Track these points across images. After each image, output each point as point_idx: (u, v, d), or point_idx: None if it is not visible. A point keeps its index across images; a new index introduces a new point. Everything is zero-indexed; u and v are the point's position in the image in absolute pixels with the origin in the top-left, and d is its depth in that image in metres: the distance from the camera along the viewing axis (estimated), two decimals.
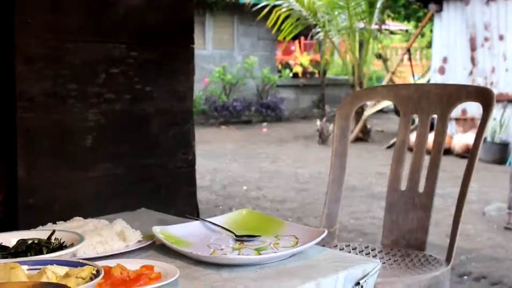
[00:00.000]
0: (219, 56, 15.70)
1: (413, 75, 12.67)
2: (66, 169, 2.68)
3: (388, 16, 13.28)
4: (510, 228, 5.10)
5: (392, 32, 14.73)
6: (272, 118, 14.59)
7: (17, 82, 2.54)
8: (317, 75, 16.34)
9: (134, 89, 2.86)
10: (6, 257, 1.27)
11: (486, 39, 9.47)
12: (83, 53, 2.71)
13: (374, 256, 1.99)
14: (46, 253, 1.29)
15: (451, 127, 9.58)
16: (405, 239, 2.04)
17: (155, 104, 2.94)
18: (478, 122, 1.96)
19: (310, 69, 16.68)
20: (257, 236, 1.56)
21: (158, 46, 2.96)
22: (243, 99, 14.78)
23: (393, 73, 12.00)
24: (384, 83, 11.85)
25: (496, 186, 6.73)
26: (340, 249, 2.05)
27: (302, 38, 17.21)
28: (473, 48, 9.64)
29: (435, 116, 2.07)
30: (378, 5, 11.34)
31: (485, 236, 4.95)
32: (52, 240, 1.36)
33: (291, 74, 16.22)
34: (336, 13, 11.33)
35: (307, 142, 11.13)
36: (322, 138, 11.00)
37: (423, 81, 11.50)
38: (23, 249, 1.31)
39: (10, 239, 1.37)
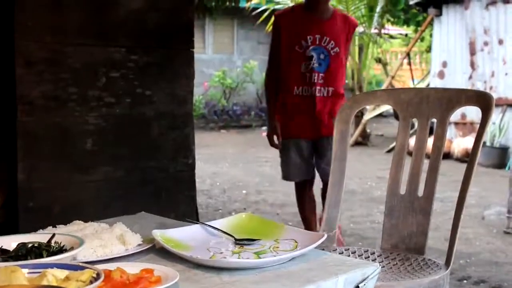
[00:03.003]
0: (219, 60, 15.70)
1: (413, 79, 12.68)
2: (66, 173, 2.69)
3: (388, 20, 13.28)
4: (509, 232, 5.10)
5: (391, 37, 14.73)
6: None
7: (18, 85, 2.54)
8: None
9: (134, 93, 2.87)
10: (7, 261, 1.27)
11: (485, 43, 9.48)
12: (84, 56, 2.71)
13: (374, 260, 1.99)
14: (46, 256, 1.29)
15: (451, 131, 9.59)
16: (404, 243, 2.04)
17: (155, 107, 2.94)
18: (477, 126, 1.97)
19: None
20: (256, 239, 1.56)
21: (158, 50, 2.97)
22: (243, 103, 14.78)
23: (392, 77, 12.01)
24: (383, 87, 11.86)
25: (496, 190, 6.73)
26: (339, 253, 2.05)
27: None
28: (472, 53, 9.65)
29: (434, 120, 2.07)
30: (378, 9, 11.35)
31: (484, 240, 4.95)
32: (52, 244, 1.36)
33: None
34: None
35: None
36: None
37: (422, 85, 11.50)
38: (23, 253, 1.31)
39: (11, 242, 1.37)
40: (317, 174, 4.07)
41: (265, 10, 11.35)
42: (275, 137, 3.89)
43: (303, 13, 3.80)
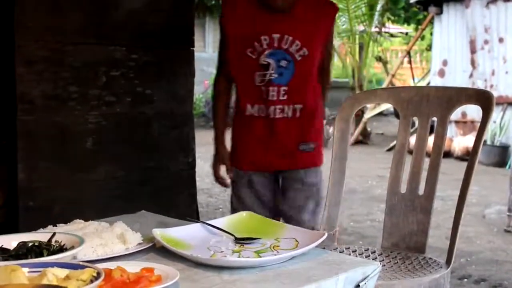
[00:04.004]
0: None
1: (413, 78, 12.68)
2: (67, 172, 2.69)
3: (388, 18, 13.28)
4: (510, 231, 5.10)
5: (392, 35, 14.75)
6: None
7: (18, 85, 2.54)
8: None
9: (134, 92, 2.87)
10: (7, 260, 1.27)
11: (486, 42, 9.48)
12: (84, 55, 2.71)
13: (374, 259, 1.99)
14: (47, 255, 1.29)
15: (451, 130, 9.58)
16: (405, 241, 2.04)
17: (156, 106, 2.94)
18: (478, 125, 1.96)
19: None
20: (257, 238, 1.56)
21: (159, 48, 2.96)
22: None
23: (393, 75, 12.01)
24: (384, 85, 11.86)
25: (496, 189, 6.73)
26: (340, 252, 2.05)
27: None
28: (473, 51, 9.64)
29: (435, 119, 2.07)
30: (378, 8, 11.35)
31: (485, 239, 4.95)
32: (53, 243, 1.36)
33: None
34: (336, 15, 11.34)
35: None
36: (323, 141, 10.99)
37: (423, 83, 11.50)
38: (23, 252, 1.31)
39: (11, 241, 1.37)
40: None
41: None
42: (222, 169, 2.75)
43: (255, 1, 2.60)
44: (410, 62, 12.53)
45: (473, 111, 9.18)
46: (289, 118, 2.58)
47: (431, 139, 2.05)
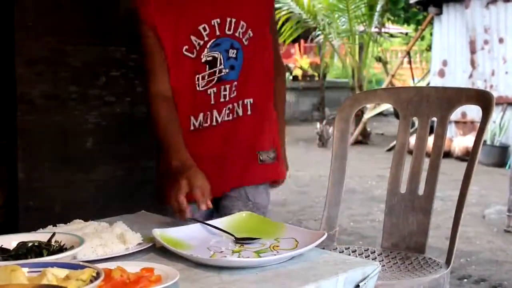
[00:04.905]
0: None
1: (413, 78, 12.69)
2: (67, 172, 2.69)
3: (388, 19, 13.28)
4: (510, 231, 5.10)
5: (392, 35, 14.73)
6: None
7: (18, 84, 2.55)
8: (317, 78, 16.34)
9: (134, 92, 2.87)
10: (7, 260, 1.27)
11: (486, 42, 9.47)
12: (84, 55, 2.71)
13: (374, 259, 1.99)
14: (47, 255, 1.29)
15: (451, 130, 9.58)
16: (405, 242, 2.04)
17: None
18: (477, 125, 1.97)
19: (310, 72, 16.68)
20: (257, 238, 1.56)
21: None
22: None
23: (393, 76, 12.01)
24: (384, 86, 11.86)
25: (496, 189, 6.73)
26: (339, 252, 2.05)
27: (302, 41, 17.22)
28: (473, 51, 9.64)
29: (435, 119, 2.07)
30: (378, 8, 11.35)
31: (485, 239, 4.95)
32: (53, 243, 1.36)
33: (291, 77, 16.21)
34: (336, 16, 11.36)
35: (307, 145, 11.13)
36: (322, 141, 11.01)
37: (423, 84, 11.50)
38: (23, 252, 1.31)
39: (11, 241, 1.37)
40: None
41: None
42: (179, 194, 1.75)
43: None
44: (410, 62, 12.54)
45: (473, 112, 9.18)
46: (241, 117, 2.02)
47: (431, 140, 2.05)
